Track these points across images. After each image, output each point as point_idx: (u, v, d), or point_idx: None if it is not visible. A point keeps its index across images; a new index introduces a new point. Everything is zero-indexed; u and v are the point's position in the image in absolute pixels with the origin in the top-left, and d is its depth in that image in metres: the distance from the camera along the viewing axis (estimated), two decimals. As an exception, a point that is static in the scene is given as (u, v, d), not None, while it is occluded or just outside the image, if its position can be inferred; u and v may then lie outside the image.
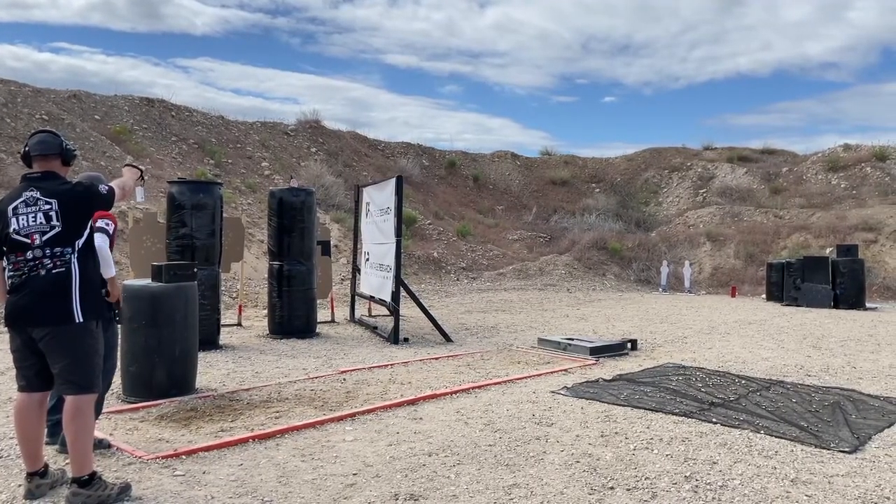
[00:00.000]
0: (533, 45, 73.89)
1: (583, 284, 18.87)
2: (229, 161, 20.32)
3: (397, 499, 3.45)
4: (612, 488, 3.63)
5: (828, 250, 17.51)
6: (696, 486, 3.66)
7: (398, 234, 8.78)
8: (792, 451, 4.32)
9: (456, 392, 5.82)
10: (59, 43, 65.15)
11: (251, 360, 7.29)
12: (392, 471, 3.85)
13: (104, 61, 56.79)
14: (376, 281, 9.71)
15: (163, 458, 3.97)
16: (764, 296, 16.81)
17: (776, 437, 4.60)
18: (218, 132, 21.84)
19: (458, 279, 18.19)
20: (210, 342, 7.73)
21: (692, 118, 66.85)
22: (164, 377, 5.47)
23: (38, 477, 3.39)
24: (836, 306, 14.56)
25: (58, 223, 3.31)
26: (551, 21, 74.03)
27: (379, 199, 9.92)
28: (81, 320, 3.30)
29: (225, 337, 8.56)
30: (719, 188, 27.38)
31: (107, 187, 3.56)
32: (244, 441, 4.32)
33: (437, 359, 7.57)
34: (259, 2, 66.53)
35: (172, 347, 5.54)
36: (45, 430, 3.61)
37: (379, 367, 7.04)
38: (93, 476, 3.30)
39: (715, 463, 4.05)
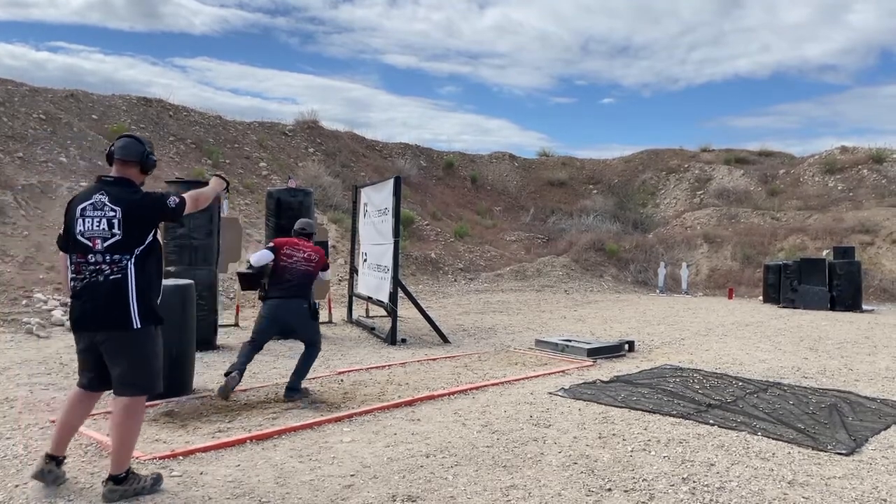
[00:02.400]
0: (532, 46, 74.00)
1: (580, 286, 18.88)
2: (227, 161, 20.29)
3: (395, 500, 3.45)
4: (609, 490, 3.63)
5: (824, 252, 17.54)
6: (694, 488, 3.66)
7: (396, 234, 8.77)
8: (789, 453, 4.33)
9: (454, 393, 5.82)
10: (56, 42, 65.08)
11: (248, 361, 7.28)
12: (390, 472, 3.85)
13: (102, 60, 56.73)
14: (374, 282, 9.70)
15: (160, 458, 3.97)
16: (761, 297, 16.83)
17: (773, 438, 4.61)
18: (216, 132, 21.82)
19: (455, 280, 18.19)
20: (207, 343, 7.72)
21: (690, 120, 67.01)
22: (162, 378, 5.44)
23: (55, 463, 3.50)
24: (832, 308, 14.59)
25: (119, 231, 3.38)
26: (551, 22, 74.15)
27: (377, 199, 9.91)
28: (139, 325, 3.41)
29: (222, 338, 8.55)
30: (716, 190, 27.42)
31: (176, 199, 3.58)
32: (241, 442, 4.31)
33: (434, 360, 7.57)
34: (258, 1, 66.53)
35: (169, 348, 5.49)
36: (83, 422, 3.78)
37: (376, 367, 7.04)
38: (128, 473, 3.42)
39: (712, 465, 4.06)
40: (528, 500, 3.48)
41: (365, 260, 10.46)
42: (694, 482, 3.75)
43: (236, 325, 9.88)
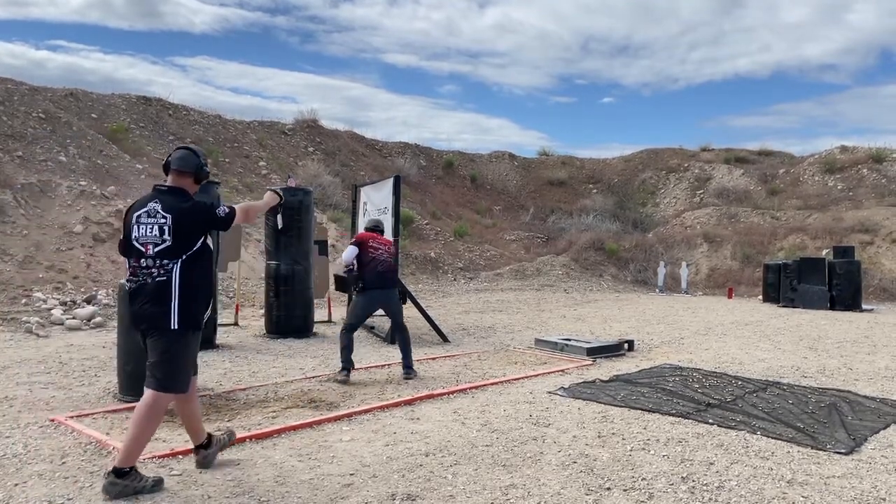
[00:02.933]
0: (532, 45, 73.98)
1: (580, 285, 18.88)
2: (226, 160, 20.29)
3: (394, 499, 3.45)
4: (608, 489, 3.63)
5: (824, 252, 17.55)
6: (693, 487, 3.66)
7: (396, 234, 8.77)
8: (788, 452, 4.33)
9: (453, 392, 5.82)
10: (56, 41, 65.07)
11: (248, 360, 7.29)
12: (389, 471, 3.85)
13: (102, 59, 56.71)
14: (373, 281, 9.69)
15: (159, 457, 3.97)
16: (760, 297, 16.84)
17: (773, 438, 4.61)
18: (215, 131, 21.82)
19: (455, 279, 18.19)
20: (207, 341, 7.71)
21: (691, 119, 66.99)
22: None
23: (203, 448, 3.78)
24: (832, 308, 14.59)
25: (168, 238, 3.54)
26: (551, 21, 74.14)
27: (376, 198, 9.91)
28: (177, 327, 3.54)
29: (222, 337, 8.55)
30: (716, 189, 27.42)
31: (226, 209, 3.72)
32: (241, 441, 4.31)
33: (434, 359, 7.57)
34: (258, 0, 66.46)
35: (169, 347, 5.53)
36: (198, 407, 3.98)
37: (376, 367, 7.04)
38: (131, 469, 3.47)
39: (712, 464, 4.06)
40: (527, 499, 3.48)
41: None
42: (693, 481, 3.76)
43: (236, 324, 9.88)
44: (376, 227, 6.87)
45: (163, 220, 3.55)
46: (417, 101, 69.24)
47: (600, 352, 7.87)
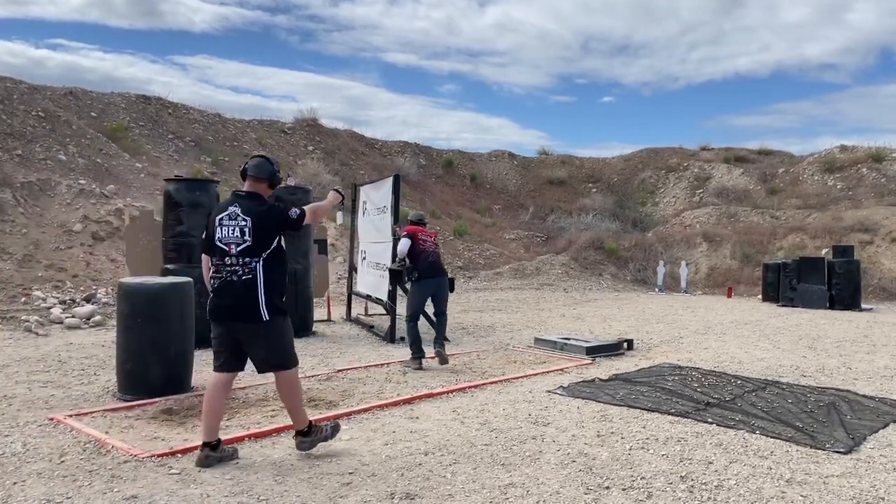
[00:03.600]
0: (532, 44, 73.83)
1: (579, 284, 18.88)
2: (226, 159, 20.28)
3: (393, 498, 3.45)
4: (607, 488, 3.63)
5: (823, 251, 17.54)
6: (692, 486, 3.67)
7: (395, 233, 8.77)
8: (787, 451, 4.33)
9: (452, 391, 5.82)
10: (56, 39, 64.96)
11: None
12: (388, 470, 3.85)
13: (101, 58, 56.54)
14: (373, 280, 9.70)
15: (158, 456, 3.97)
16: (760, 296, 16.83)
17: (772, 437, 4.61)
18: (215, 130, 21.80)
19: (454, 278, 18.19)
20: (206, 340, 7.61)
21: (691, 119, 66.87)
22: (160, 375, 5.46)
23: (210, 448, 3.91)
24: (831, 307, 14.59)
25: (249, 238, 3.94)
26: (551, 21, 74.00)
27: (376, 197, 9.91)
28: (268, 318, 3.93)
29: (221, 335, 8.54)
30: (716, 188, 27.40)
31: (297, 212, 4.11)
32: (240, 439, 4.31)
33: (433, 358, 7.57)
34: (258, -1, 66.35)
35: (168, 345, 5.54)
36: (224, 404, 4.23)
37: (375, 366, 7.04)
38: (310, 426, 4.08)
39: (711, 463, 4.06)
40: (526, 498, 3.48)
41: (364, 258, 10.45)
42: (692, 480, 3.76)
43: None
44: (421, 220, 7.46)
45: (243, 223, 3.94)
46: (417, 100, 69.14)
47: (599, 351, 7.87)
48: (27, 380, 6.02)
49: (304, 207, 4.20)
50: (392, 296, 8.71)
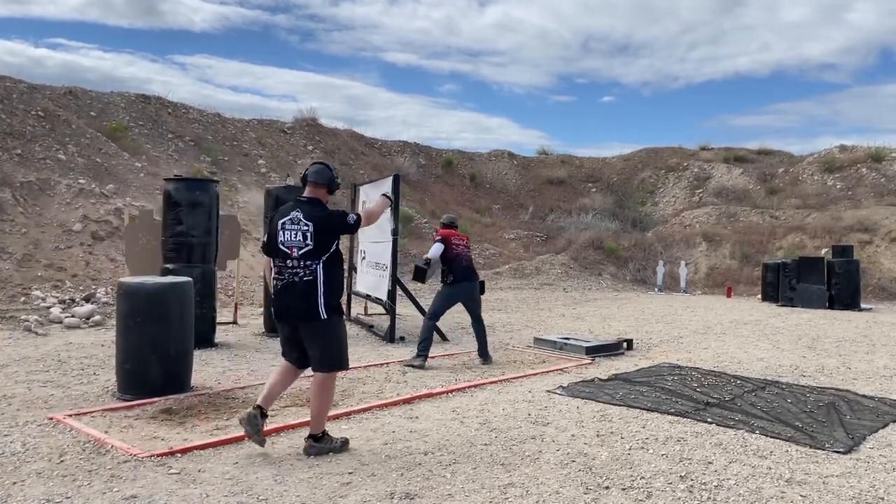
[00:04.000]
0: (532, 44, 73.86)
1: (579, 284, 18.89)
2: (226, 158, 20.27)
3: (393, 497, 3.45)
4: (607, 488, 3.63)
5: (823, 251, 17.55)
6: (692, 486, 3.67)
7: (395, 232, 8.77)
8: (787, 451, 4.33)
9: (452, 391, 5.82)
10: (55, 38, 64.94)
11: (247, 359, 7.29)
12: (388, 469, 3.85)
13: (101, 57, 56.51)
14: (372, 279, 9.70)
15: (158, 455, 3.96)
16: (759, 296, 16.84)
17: (771, 437, 4.61)
18: (214, 129, 21.79)
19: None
20: (206, 340, 7.72)
21: (690, 119, 66.89)
22: (160, 375, 5.45)
23: (260, 414, 4.13)
24: (831, 307, 14.60)
25: (310, 242, 4.15)
26: (551, 20, 74.02)
27: (375, 197, 9.89)
28: (326, 317, 4.13)
29: (221, 335, 8.54)
30: (715, 188, 27.41)
31: (354, 217, 4.34)
32: (240, 439, 4.31)
33: (432, 357, 7.56)
34: (258, -2, 66.29)
35: (168, 345, 5.53)
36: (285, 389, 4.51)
37: (375, 365, 7.04)
38: (323, 433, 4.20)
39: (710, 463, 4.06)
40: (525, 498, 3.48)
41: (363, 258, 10.46)
42: (692, 480, 3.76)
43: (235, 322, 9.87)
44: (453, 223, 7.64)
45: (305, 227, 4.15)
46: (417, 99, 69.17)
47: (599, 351, 7.87)
48: (26, 379, 6.02)
49: (359, 212, 4.53)
50: (392, 295, 8.71)
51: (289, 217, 4.22)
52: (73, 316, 9.44)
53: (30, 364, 6.71)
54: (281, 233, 4.21)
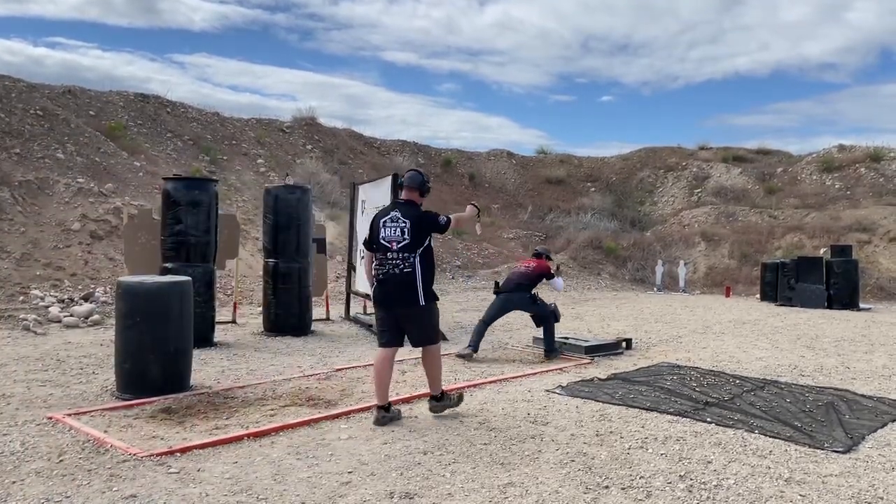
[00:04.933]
0: (532, 43, 73.74)
1: (578, 283, 18.89)
2: (224, 158, 20.25)
3: (392, 497, 3.45)
4: (606, 487, 3.64)
5: (822, 251, 17.55)
6: (691, 486, 3.67)
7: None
8: (786, 450, 4.33)
9: (451, 391, 5.81)
10: (54, 37, 64.74)
11: (246, 358, 7.28)
12: (387, 469, 3.85)
13: (100, 56, 56.37)
14: (372, 279, 9.69)
15: (157, 455, 3.96)
16: (758, 296, 16.85)
17: (770, 436, 4.62)
18: (213, 129, 21.77)
19: (453, 277, 18.19)
20: (205, 339, 7.72)
21: (690, 118, 66.84)
22: (159, 374, 5.45)
23: (384, 410, 4.76)
24: (829, 307, 14.60)
25: (407, 237, 4.79)
26: (551, 20, 73.92)
27: (375, 196, 9.91)
28: (424, 303, 4.80)
29: (220, 334, 8.54)
30: (714, 188, 27.41)
31: (444, 218, 4.96)
32: (239, 439, 4.31)
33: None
34: (257, -2, 66.16)
35: (167, 344, 5.53)
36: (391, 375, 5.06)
37: (373, 365, 7.02)
38: (443, 393, 4.98)
39: (709, 462, 4.06)
40: (525, 497, 3.48)
41: (363, 257, 10.44)
42: (691, 480, 3.76)
43: (234, 321, 9.87)
44: (536, 253, 8.40)
45: (403, 224, 4.80)
46: (416, 99, 69.09)
47: (598, 350, 7.88)
48: (25, 379, 6.02)
49: (450, 216, 5.07)
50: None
51: (389, 216, 4.87)
52: (71, 315, 9.43)
53: (29, 363, 6.70)
54: (382, 229, 4.84)
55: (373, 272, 4.94)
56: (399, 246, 4.77)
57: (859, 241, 18.71)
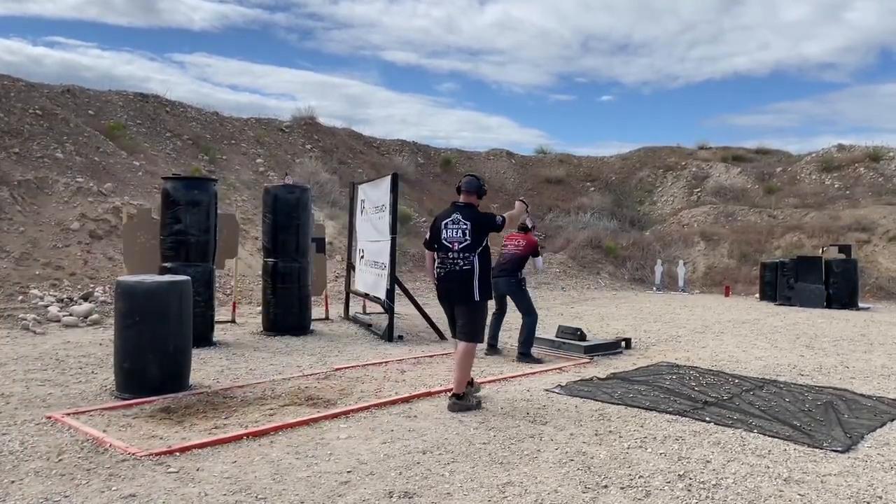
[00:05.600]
0: (532, 43, 73.77)
1: (577, 283, 18.90)
2: (224, 157, 20.24)
3: (392, 496, 3.45)
4: (605, 487, 3.64)
5: (821, 250, 17.57)
6: (690, 485, 3.67)
7: (393, 231, 8.77)
8: (785, 450, 4.34)
9: (450, 390, 5.81)
10: (54, 37, 64.69)
11: (245, 357, 7.28)
12: (386, 468, 3.85)
13: (99, 56, 56.34)
14: (371, 278, 9.70)
15: (156, 454, 3.96)
16: (757, 295, 16.87)
17: (769, 436, 4.62)
18: (212, 128, 21.76)
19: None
20: (204, 339, 7.71)
21: (690, 118, 66.87)
22: (158, 374, 5.45)
23: (456, 398, 5.15)
24: (828, 306, 14.62)
25: (468, 238, 5.17)
26: (551, 19, 73.95)
27: (374, 196, 9.91)
28: (478, 299, 5.18)
29: (219, 334, 8.54)
30: (713, 188, 27.42)
31: (500, 218, 5.33)
32: (238, 438, 4.31)
33: (431, 356, 7.57)
34: (257, -3, 66.14)
35: (166, 344, 5.53)
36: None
37: (373, 364, 7.04)
38: (464, 393, 5.18)
39: (708, 462, 4.07)
40: (524, 496, 3.48)
41: (362, 257, 10.45)
42: (690, 479, 3.76)
43: (233, 321, 9.87)
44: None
45: (464, 226, 5.18)
46: (416, 98, 69.12)
47: (597, 350, 7.88)
48: (24, 378, 6.01)
49: (504, 216, 5.42)
50: (391, 295, 8.71)
51: (450, 218, 5.25)
52: (71, 315, 9.43)
53: (28, 363, 6.70)
54: (444, 230, 5.22)
55: (434, 270, 5.32)
56: (460, 246, 5.15)
57: (858, 241, 18.73)
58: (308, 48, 66.95)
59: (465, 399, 5.15)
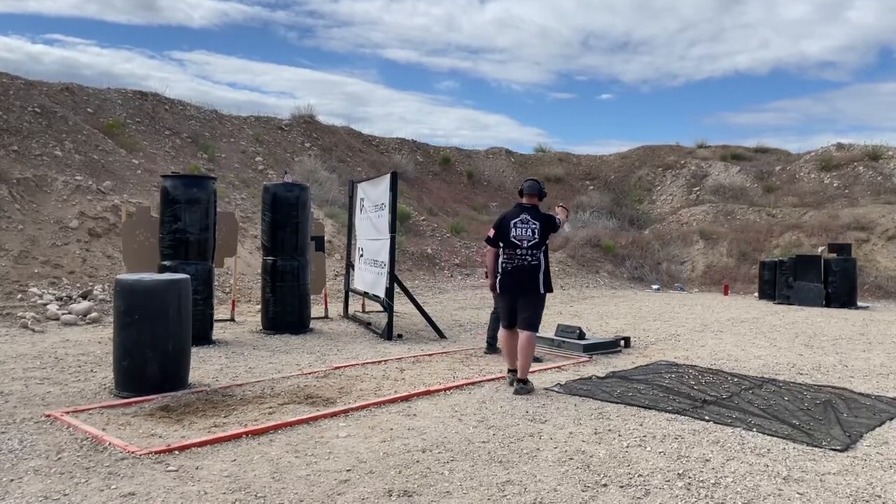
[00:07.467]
0: (532, 41, 73.76)
1: (576, 282, 18.90)
2: (223, 155, 20.23)
3: (391, 495, 3.45)
4: (605, 485, 3.64)
5: (819, 249, 17.58)
6: (689, 484, 3.67)
7: (392, 230, 8.77)
8: (784, 448, 4.34)
9: (450, 388, 5.82)
10: (53, 34, 64.56)
11: (244, 356, 7.28)
12: (386, 467, 3.85)
13: (98, 53, 56.30)
14: (370, 277, 9.70)
15: (155, 453, 3.96)
16: (756, 294, 16.87)
17: (768, 434, 4.63)
18: (212, 126, 21.74)
19: (451, 276, 18.19)
20: (203, 337, 7.71)
21: (689, 116, 66.91)
22: (157, 372, 5.45)
23: (513, 373, 5.85)
24: (827, 305, 14.63)
25: (536, 236, 5.78)
26: (551, 18, 73.93)
27: (373, 194, 9.90)
28: (542, 292, 5.81)
29: (218, 332, 8.54)
30: (712, 186, 27.44)
31: (560, 219, 5.96)
32: (237, 437, 4.31)
33: (430, 355, 7.57)
34: (257, -5, 66.03)
35: (165, 342, 5.52)
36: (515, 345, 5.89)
37: (372, 363, 7.04)
38: (526, 379, 5.75)
39: (708, 460, 4.07)
40: (523, 495, 3.49)
41: (361, 255, 10.45)
42: (689, 478, 3.76)
43: (232, 319, 9.86)
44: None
45: (533, 226, 5.78)
46: (416, 96, 69.11)
47: (597, 348, 7.88)
48: (24, 376, 6.01)
49: (560, 217, 5.99)
50: (390, 293, 8.71)
51: (519, 218, 5.80)
52: (70, 313, 9.43)
53: (27, 361, 6.70)
54: (513, 229, 5.78)
55: (500, 265, 5.82)
56: (529, 244, 5.72)
57: (857, 240, 18.74)
58: (308, 46, 66.95)
59: (528, 383, 5.68)
